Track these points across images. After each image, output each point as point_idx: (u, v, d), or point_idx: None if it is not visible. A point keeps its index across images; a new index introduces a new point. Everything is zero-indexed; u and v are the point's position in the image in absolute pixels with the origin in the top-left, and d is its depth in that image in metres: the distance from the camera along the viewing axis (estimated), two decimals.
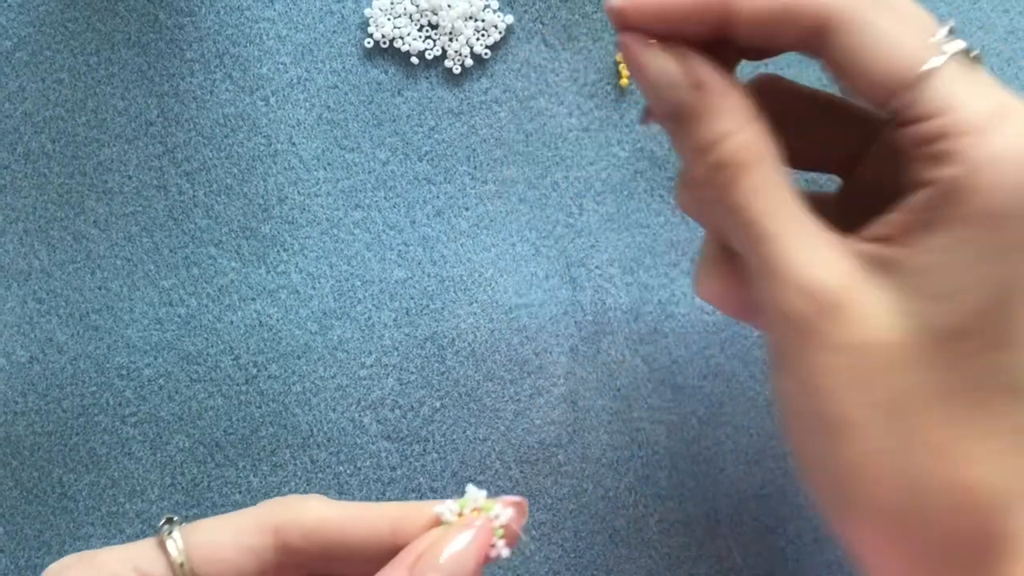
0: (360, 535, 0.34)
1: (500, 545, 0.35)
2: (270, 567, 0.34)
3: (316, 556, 0.34)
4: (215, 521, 0.35)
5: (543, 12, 0.53)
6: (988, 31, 0.53)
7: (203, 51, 0.52)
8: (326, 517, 0.34)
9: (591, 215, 0.52)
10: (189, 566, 0.34)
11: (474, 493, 0.36)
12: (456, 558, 0.33)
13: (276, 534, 0.34)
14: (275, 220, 0.51)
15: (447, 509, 0.35)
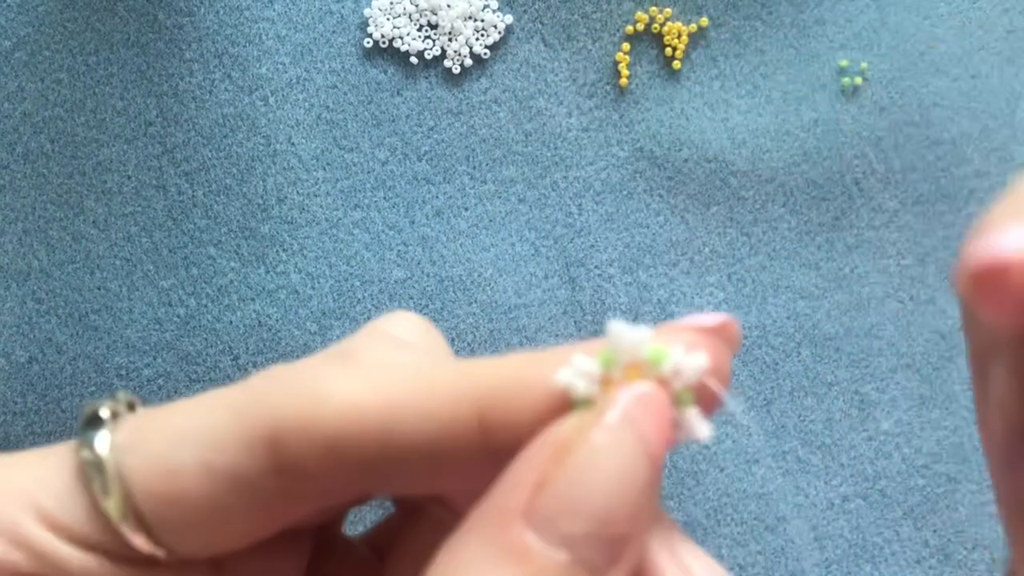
0: (422, 436, 0.21)
1: (692, 419, 0.21)
2: (263, 503, 0.22)
3: (345, 480, 0.22)
4: (167, 421, 0.22)
5: (542, 12, 0.53)
6: (988, 30, 0.53)
7: (202, 51, 0.52)
8: (359, 406, 0.21)
9: (590, 215, 0.52)
10: (126, 509, 0.21)
11: (625, 331, 0.21)
12: (611, 480, 0.19)
13: (272, 448, 0.21)
14: (274, 220, 0.51)
15: (578, 372, 0.21)
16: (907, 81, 0.52)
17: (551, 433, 0.20)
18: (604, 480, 0.19)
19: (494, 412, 0.21)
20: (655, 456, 0.20)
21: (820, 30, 0.52)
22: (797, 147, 0.52)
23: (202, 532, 0.22)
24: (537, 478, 0.20)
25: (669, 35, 0.52)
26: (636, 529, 0.20)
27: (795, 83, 0.52)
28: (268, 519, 0.23)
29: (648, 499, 0.20)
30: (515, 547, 0.19)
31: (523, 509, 0.19)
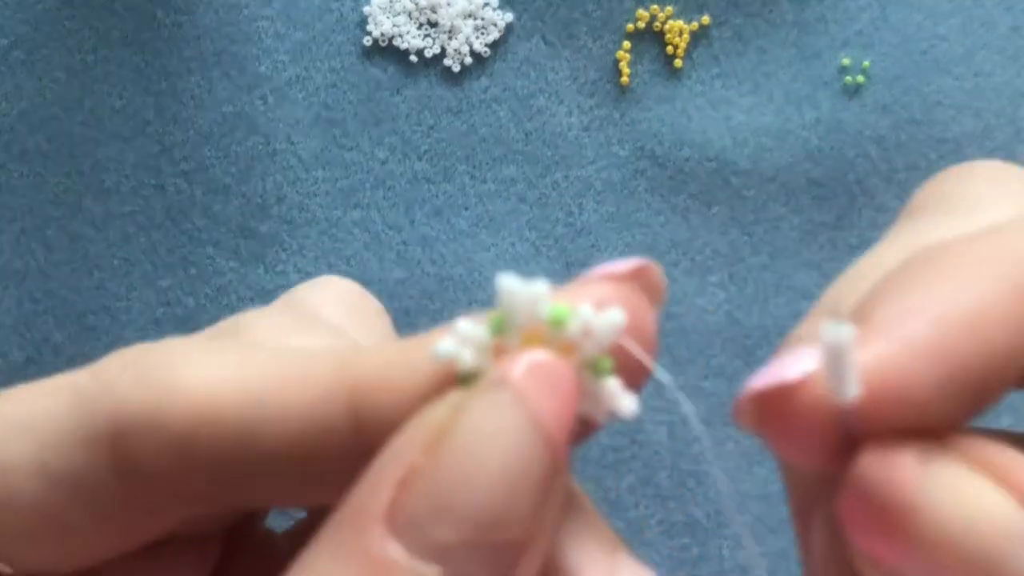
0: (288, 435, 0.18)
1: (611, 392, 0.17)
2: (110, 512, 0.19)
3: (203, 485, 0.19)
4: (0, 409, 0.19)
5: (543, 10, 0.52)
6: (990, 28, 0.53)
7: (201, 50, 0.52)
8: (215, 398, 0.18)
9: (591, 214, 0.51)
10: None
11: (517, 287, 0.17)
12: (495, 472, 0.16)
13: (114, 446, 0.18)
14: (273, 220, 0.51)
15: (464, 341, 0.17)
16: (909, 80, 0.52)
17: (422, 417, 0.16)
18: (486, 473, 0.16)
19: (368, 403, 0.17)
20: (555, 441, 0.16)
21: (822, 28, 0.52)
22: (799, 146, 0.51)
23: (42, 545, 0.19)
24: (402, 473, 0.16)
25: (670, 33, 0.52)
26: (530, 535, 0.16)
27: (797, 82, 0.52)
28: (120, 530, 0.19)
29: (547, 496, 0.16)
30: (373, 560, 0.15)
31: (384, 512, 0.16)
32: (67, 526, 0.19)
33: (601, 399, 0.17)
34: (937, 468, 0.16)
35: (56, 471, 0.18)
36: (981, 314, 0.17)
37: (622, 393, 0.17)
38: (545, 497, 0.16)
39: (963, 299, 0.17)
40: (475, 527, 0.15)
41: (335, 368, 0.18)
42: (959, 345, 0.16)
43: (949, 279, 0.17)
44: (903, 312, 0.17)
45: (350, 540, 0.16)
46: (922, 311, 0.17)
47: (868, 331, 0.17)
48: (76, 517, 0.18)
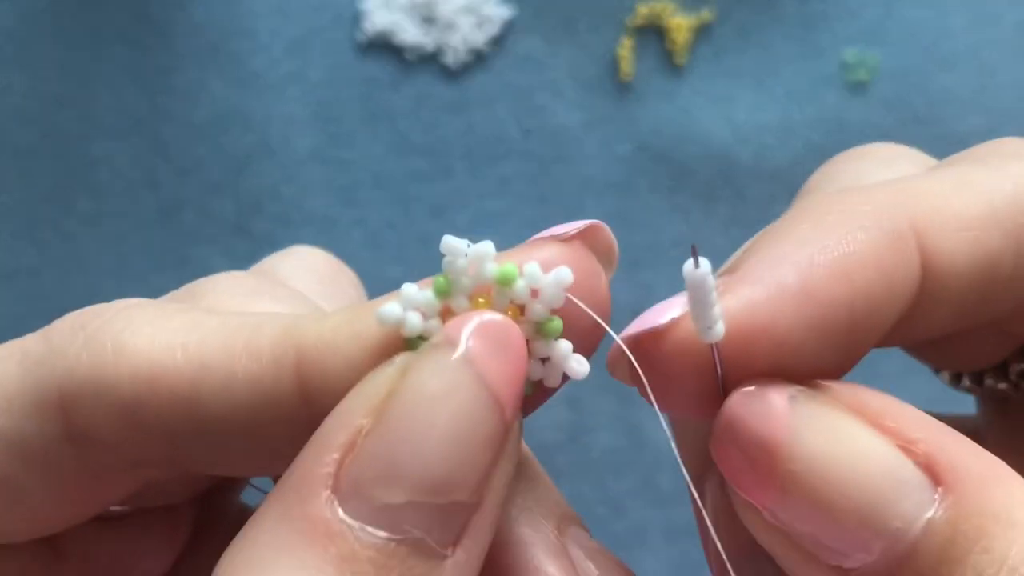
0: (233, 402, 0.17)
1: (560, 353, 0.17)
2: (61, 476, 0.19)
3: (153, 451, 0.18)
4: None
5: (542, 5, 0.52)
6: (996, 23, 0.52)
7: (194, 45, 0.51)
8: (160, 364, 0.18)
9: (591, 213, 0.51)
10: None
11: (462, 247, 0.17)
12: (443, 434, 0.16)
13: (62, 410, 0.18)
14: (268, 218, 0.51)
15: (409, 305, 0.17)
16: (914, 76, 0.52)
17: (368, 379, 0.16)
18: (433, 434, 0.15)
19: (314, 370, 0.17)
20: (504, 402, 0.16)
21: (825, 24, 0.52)
22: (802, 143, 0.51)
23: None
24: (348, 436, 0.16)
25: (672, 29, 0.51)
26: (479, 497, 0.16)
27: (800, 78, 0.52)
28: (74, 496, 0.19)
29: (496, 459, 0.16)
30: (318, 525, 0.15)
31: (330, 476, 0.15)
32: (19, 491, 0.19)
33: (551, 362, 0.17)
34: (809, 408, 0.16)
35: (6, 437, 0.18)
36: (850, 258, 0.17)
37: (572, 355, 0.17)
38: (494, 459, 0.16)
39: (832, 245, 0.17)
40: (422, 489, 0.15)
41: (281, 335, 0.17)
42: (828, 287, 0.17)
43: (818, 228, 0.17)
44: (772, 259, 0.17)
45: (295, 505, 0.15)
46: (790, 257, 0.17)
47: (735, 278, 0.17)
48: (28, 482, 0.18)
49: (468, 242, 0.17)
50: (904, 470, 0.15)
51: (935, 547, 0.15)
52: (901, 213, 0.18)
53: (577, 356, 0.17)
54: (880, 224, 0.17)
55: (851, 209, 0.18)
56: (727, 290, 0.17)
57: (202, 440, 0.18)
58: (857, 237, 0.17)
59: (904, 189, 0.18)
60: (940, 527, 0.15)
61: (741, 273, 0.17)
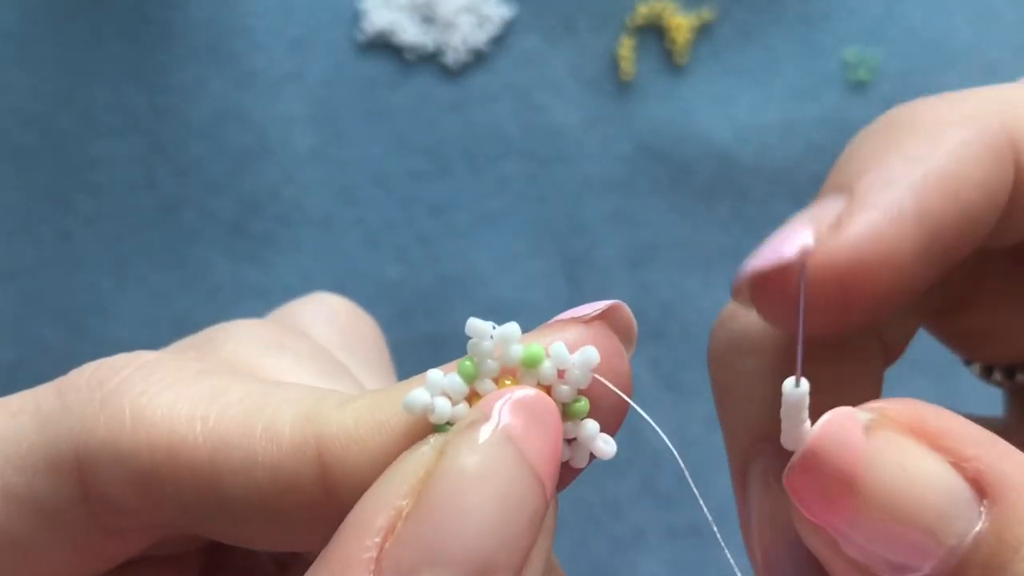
0: (252, 484, 0.17)
1: (588, 434, 0.17)
2: (76, 537, 0.19)
3: (168, 519, 0.18)
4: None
5: (543, 5, 0.52)
6: (997, 22, 0.52)
7: (193, 44, 0.51)
8: (178, 437, 0.17)
9: (592, 212, 0.51)
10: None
11: (487, 330, 0.17)
12: (487, 512, 0.15)
13: (79, 472, 0.18)
14: (267, 218, 0.50)
15: (435, 391, 0.17)
16: (916, 74, 0.52)
17: (404, 460, 0.16)
18: (476, 514, 0.15)
19: (337, 460, 0.17)
20: (545, 478, 0.16)
21: (826, 24, 0.52)
22: (803, 142, 0.51)
23: (7, 569, 0.18)
24: (388, 519, 0.15)
25: (673, 29, 0.51)
26: (520, 573, 0.16)
27: (801, 77, 0.51)
28: (87, 553, 0.19)
29: (535, 536, 0.16)
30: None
31: (371, 560, 0.15)
32: (29, 549, 0.18)
33: (578, 442, 0.17)
34: (881, 438, 0.16)
35: (19, 494, 0.18)
36: (957, 177, 0.17)
37: (599, 435, 0.17)
38: (536, 535, 0.16)
39: (940, 163, 0.17)
40: (466, 570, 0.15)
41: (302, 423, 0.17)
42: (940, 208, 0.17)
43: (923, 143, 0.18)
44: (885, 180, 0.17)
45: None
46: (904, 178, 0.17)
47: (854, 202, 0.17)
48: (39, 540, 0.18)
49: (493, 324, 0.17)
50: (960, 490, 0.16)
51: (981, 558, 0.15)
52: (998, 123, 0.18)
53: (604, 436, 0.17)
54: (983, 138, 0.18)
55: (952, 120, 0.18)
56: (847, 216, 0.17)
57: (219, 515, 0.17)
58: (963, 155, 0.17)
59: (998, 98, 0.18)
60: (986, 539, 0.15)
61: (859, 197, 0.17)
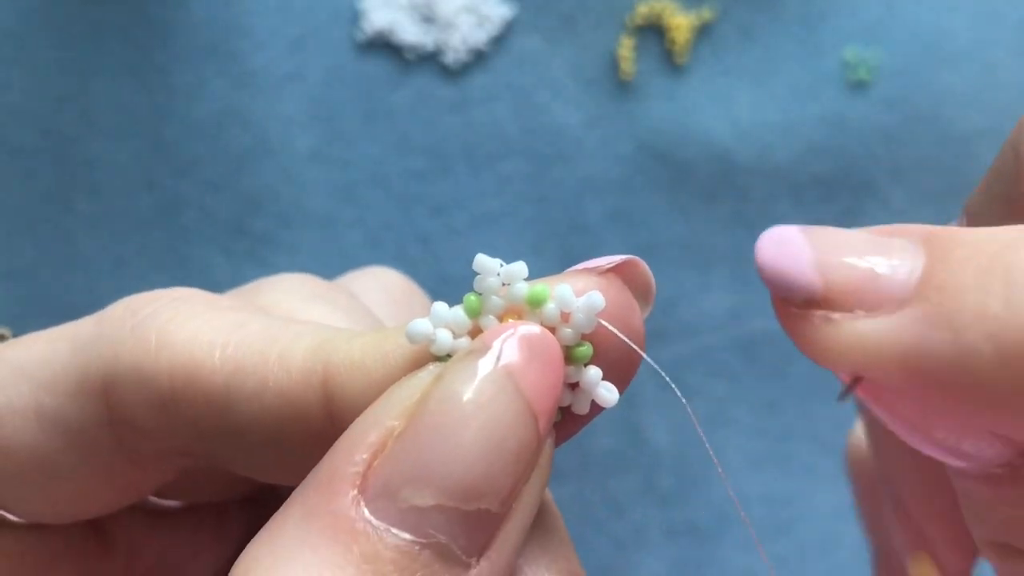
0: (261, 408, 0.18)
1: (590, 379, 0.17)
2: (99, 459, 0.19)
3: (184, 443, 0.19)
4: (4, 355, 0.20)
5: (543, 5, 0.52)
6: (998, 21, 0.52)
7: (193, 44, 0.51)
8: (196, 361, 0.18)
9: (592, 212, 0.51)
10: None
11: (495, 266, 0.17)
12: (477, 439, 0.15)
13: (105, 395, 0.19)
14: (268, 217, 0.50)
15: (439, 323, 0.17)
16: (916, 74, 0.51)
17: (401, 384, 0.16)
18: (465, 439, 0.15)
19: (341, 386, 0.17)
20: (539, 413, 0.16)
21: (826, 23, 0.52)
22: (804, 142, 0.51)
23: (37, 489, 0.19)
24: (378, 437, 0.16)
25: (673, 29, 0.51)
26: (508, 508, 0.16)
27: (801, 77, 0.51)
28: (113, 480, 0.19)
29: (527, 470, 0.16)
30: (342, 523, 0.15)
31: (357, 476, 0.15)
32: (59, 469, 0.19)
33: (580, 388, 0.17)
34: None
35: (50, 415, 0.19)
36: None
37: (601, 382, 0.17)
38: (525, 471, 0.16)
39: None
40: (450, 493, 0.15)
41: (313, 350, 0.17)
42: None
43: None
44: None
45: (320, 503, 0.15)
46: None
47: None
48: (68, 461, 0.19)
49: (501, 262, 0.17)
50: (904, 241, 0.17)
51: (931, 285, 0.16)
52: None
53: (607, 383, 0.17)
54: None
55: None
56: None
57: (231, 442, 0.18)
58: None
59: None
60: (928, 266, 0.16)
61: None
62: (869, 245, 0.16)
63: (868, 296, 0.16)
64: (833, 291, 0.16)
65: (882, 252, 0.16)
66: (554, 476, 0.49)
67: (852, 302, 0.16)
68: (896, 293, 0.16)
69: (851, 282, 0.16)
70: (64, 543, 0.21)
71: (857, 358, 0.16)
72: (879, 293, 0.16)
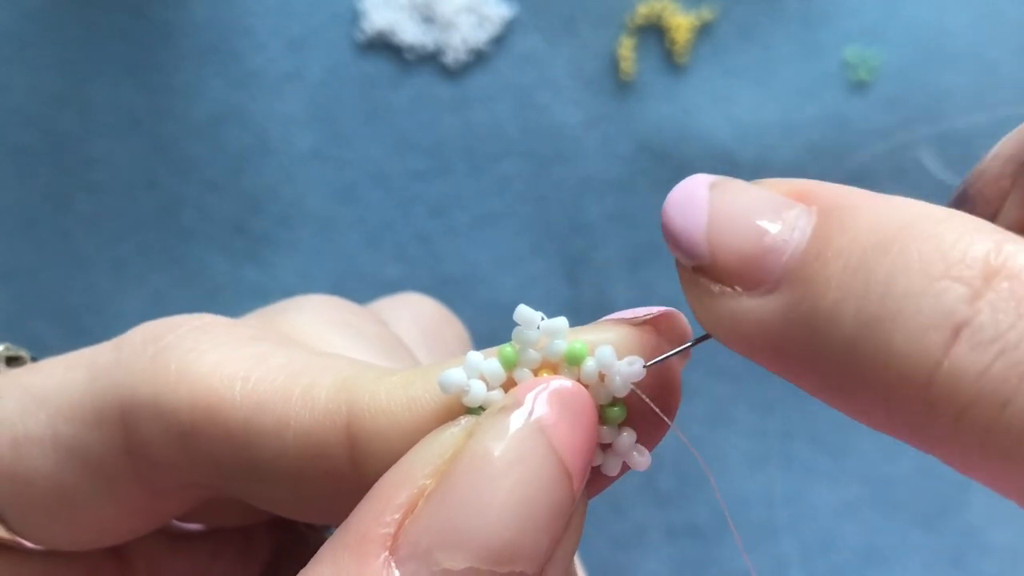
0: (282, 448, 0.17)
1: (622, 442, 0.17)
2: (116, 488, 0.19)
3: (204, 476, 0.19)
4: (23, 381, 0.19)
5: (543, 4, 0.52)
6: (998, 21, 0.52)
7: (193, 44, 0.51)
8: (217, 396, 0.18)
9: (592, 212, 0.51)
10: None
11: (535, 319, 0.17)
12: (510, 500, 0.15)
13: (123, 424, 0.18)
14: (267, 218, 0.50)
15: (473, 373, 0.16)
16: (916, 74, 0.51)
17: (432, 439, 0.16)
18: (498, 499, 0.15)
19: (365, 430, 0.16)
20: (574, 472, 0.15)
21: (826, 23, 0.52)
22: (804, 142, 0.51)
23: (55, 518, 0.19)
24: (409, 496, 0.15)
25: (673, 28, 0.51)
26: (540, 569, 0.15)
27: (801, 77, 0.51)
28: (131, 508, 0.19)
29: (561, 531, 0.15)
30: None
31: (388, 537, 0.15)
32: (77, 498, 0.18)
33: (612, 450, 0.17)
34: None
35: (68, 444, 0.18)
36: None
37: (634, 445, 0.17)
38: (560, 531, 0.15)
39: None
40: (484, 556, 0.15)
41: (337, 389, 0.17)
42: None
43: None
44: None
45: (351, 566, 0.15)
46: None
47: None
48: (86, 489, 0.18)
49: (542, 315, 0.17)
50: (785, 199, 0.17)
51: (816, 243, 0.16)
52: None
53: (640, 447, 0.17)
54: None
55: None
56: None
57: (250, 478, 0.17)
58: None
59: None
60: (817, 224, 0.16)
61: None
62: (767, 211, 0.16)
63: (748, 274, 0.16)
64: (718, 264, 0.16)
65: (777, 220, 0.16)
66: None
67: (733, 278, 0.16)
68: (774, 273, 0.16)
69: (735, 258, 0.16)
70: (83, 570, 0.21)
71: (729, 335, 0.16)
72: (759, 272, 0.16)
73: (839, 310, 0.15)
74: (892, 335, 0.14)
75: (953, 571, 0.48)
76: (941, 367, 0.14)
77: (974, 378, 0.14)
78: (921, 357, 0.14)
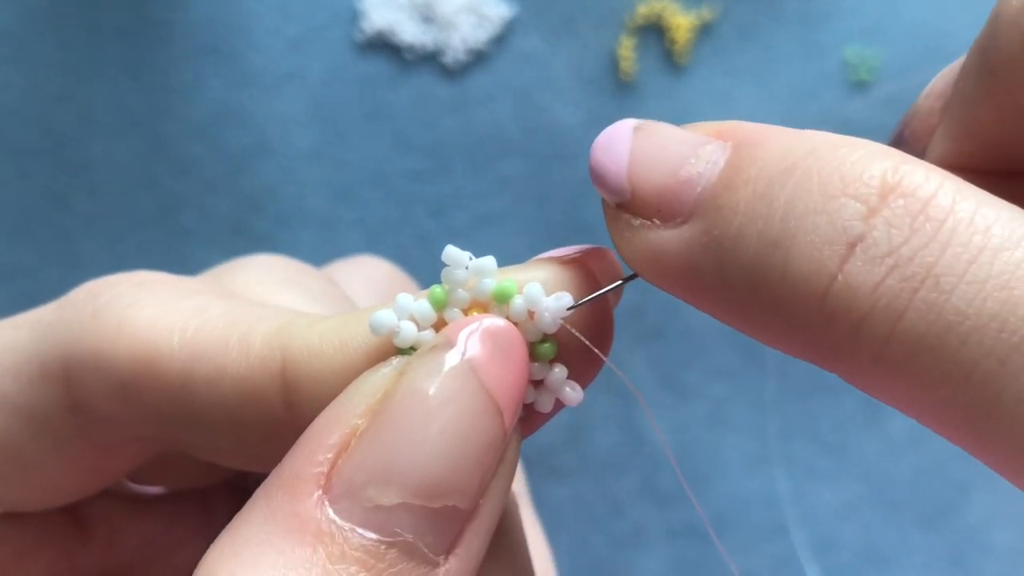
0: (219, 393, 0.17)
1: (554, 378, 0.17)
2: (64, 446, 0.19)
3: (148, 428, 0.19)
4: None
5: (543, 4, 0.52)
6: None
7: (192, 43, 0.51)
8: (155, 346, 0.18)
9: (592, 212, 0.51)
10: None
11: (463, 259, 0.17)
12: (441, 436, 0.15)
13: (66, 381, 0.18)
14: (267, 218, 0.50)
15: (403, 314, 0.16)
16: (917, 74, 0.51)
17: (363, 379, 0.16)
18: (429, 436, 0.15)
19: (299, 373, 0.17)
20: (504, 408, 0.15)
21: (826, 23, 0.52)
22: None
23: (3, 477, 0.19)
24: (341, 436, 0.15)
25: (673, 28, 0.51)
26: (474, 505, 0.15)
27: (801, 77, 0.51)
28: (78, 464, 0.19)
29: (493, 467, 0.15)
30: (308, 524, 0.15)
31: (321, 476, 0.15)
32: (25, 457, 0.19)
33: (544, 387, 0.17)
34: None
35: (14, 402, 0.18)
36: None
37: (566, 381, 0.17)
38: (492, 466, 0.16)
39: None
40: (416, 492, 0.15)
41: (272, 335, 0.17)
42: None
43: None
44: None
45: (284, 504, 0.15)
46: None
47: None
48: (34, 448, 0.19)
49: (470, 254, 0.17)
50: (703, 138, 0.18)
51: (728, 172, 0.17)
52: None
53: (571, 382, 0.17)
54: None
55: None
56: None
57: (191, 428, 0.18)
58: None
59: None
60: (731, 155, 0.17)
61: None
62: (686, 148, 0.18)
63: (665, 206, 0.16)
64: (637, 198, 0.17)
65: (692, 154, 0.17)
66: (553, 475, 0.49)
67: (651, 211, 0.16)
68: (688, 204, 0.16)
69: (652, 191, 0.17)
70: (41, 531, 0.21)
71: (648, 267, 0.16)
72: (675, 203, 0.16)
73: (744, 233, 0.15)
74: (790, 252, 0.15)
75: (953, 571, 0.48)
76: (836, 281, 0.14)
77: (868, 291, 0.14)
78: (817, 272, 0.14)
